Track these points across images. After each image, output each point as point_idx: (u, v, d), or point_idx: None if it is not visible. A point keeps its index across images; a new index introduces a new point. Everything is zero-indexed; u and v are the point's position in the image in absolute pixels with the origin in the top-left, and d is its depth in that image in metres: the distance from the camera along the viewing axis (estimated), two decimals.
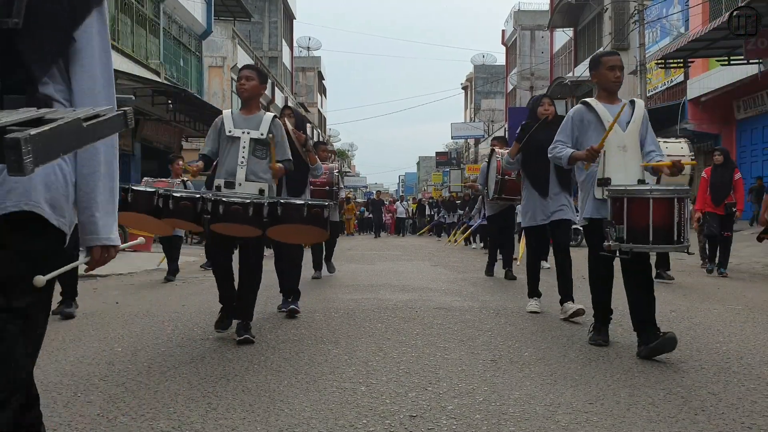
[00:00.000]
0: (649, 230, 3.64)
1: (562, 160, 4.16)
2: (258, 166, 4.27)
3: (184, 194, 4.17)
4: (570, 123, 4.21)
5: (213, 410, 2.78)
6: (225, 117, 4.39)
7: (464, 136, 52.11)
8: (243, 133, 4.27)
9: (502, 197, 7.24)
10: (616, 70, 4.11)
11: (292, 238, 4.60)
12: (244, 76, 4.32)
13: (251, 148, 4.26)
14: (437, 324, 4.85)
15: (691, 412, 2.73)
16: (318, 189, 7.62)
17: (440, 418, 2.67)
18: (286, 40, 38.43)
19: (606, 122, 4.02)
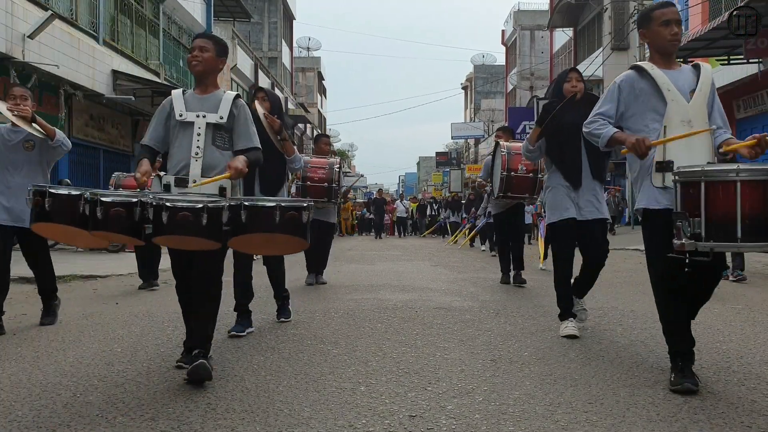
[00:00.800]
0: (737, 223, 2.81)
1: (599, 140, 3.33)
2: (218, 159, 3.46)
3: (116, 198, 3.16)
4: (616, 92, 3.36)
5: (212, 410, 2.78)
6: (174, 98, 3.57)
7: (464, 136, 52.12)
8: (197, 117, 3.46)
9: (507, 195, 6.68)
10: (672, 25, 3.26)
11: (262, 249, 3.86)
12: (197, 47, 3.51)
13: (209, 136, 3.46)
14: (437, 324, 4.85)
15: (691, 412, 2.73)
16: (315, 186, 7.07)
17: (440, 418, 2.67)
18: (285, 40, 38.43)
19: (666, 92, 3.21)
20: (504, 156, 6.53)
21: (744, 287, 7.04)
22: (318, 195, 6.95)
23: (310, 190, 6.96)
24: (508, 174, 6.47)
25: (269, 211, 3.16)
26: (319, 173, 7.04)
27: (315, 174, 7.03)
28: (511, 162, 6.60)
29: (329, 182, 7.04)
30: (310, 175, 7.04)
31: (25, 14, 11.75)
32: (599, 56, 25.17)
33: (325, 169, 7.08)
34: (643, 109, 3.29)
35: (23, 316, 5.27)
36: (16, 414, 2.74)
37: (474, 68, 55.58)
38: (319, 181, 7.01)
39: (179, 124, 3.48)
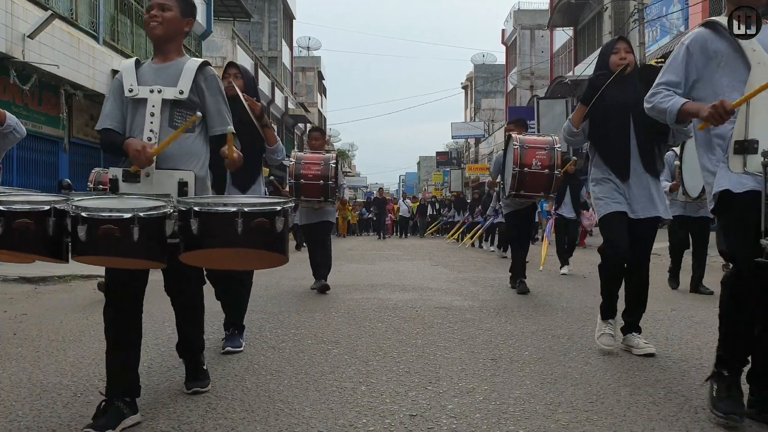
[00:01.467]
0: None
1: (666, 115, 2.75)
2: (178, 146, 2.73)
3: (25, 206, 2.35)
4: (684, 56, 2.76)
5: (212, 410, 2.78)
6: (124, 69, 2.84)
7: (464, 135, 52.11)
8: (151, 93, 2.74)
9: (520, 194, 6.00)
10: None
11: (229, 264, 3.04)
12: (155, 5, 2.80)
13: (165, 116, 2.75)
14: (437, 323, 4.85)
15: (692, 411, 2.73)
16: (309, 184, 6.35)
17: (440, 417, 2.66)
18: (285, 40, 38.43)
19: (750, 52, 2.61)
20: (516, 150, 5.84)
21: None
22: (313, 194, 6.36)
23: (305, 189, 6.35)
24: (520, 170, 5.79)
25: (229, 219, 2.37)
26: (314, 170, 6.36)
27: (309, 171, 6.38)
28: (524, 157, 5.86)
29: (325, 179, 6.32)
30: (303, 172, 6.40)
31: (25, 14, 11.75)
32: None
33: (320, 165, 6.37)
34: (718, 76, 2.68)
35: (23, 316, 5.27)
36: (16, 414, 2.74)
37: (474, 68, 55.59)
38: (314, 178, 6.32)
39: (131, 102, 2.79)
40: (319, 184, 6.32)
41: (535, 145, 6.00)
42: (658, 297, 6.35)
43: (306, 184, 6.34)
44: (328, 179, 6.33)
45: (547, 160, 5.90)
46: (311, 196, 6.42)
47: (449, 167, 56.11)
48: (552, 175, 5.92)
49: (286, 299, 6.26)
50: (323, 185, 6.34)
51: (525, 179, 5.83)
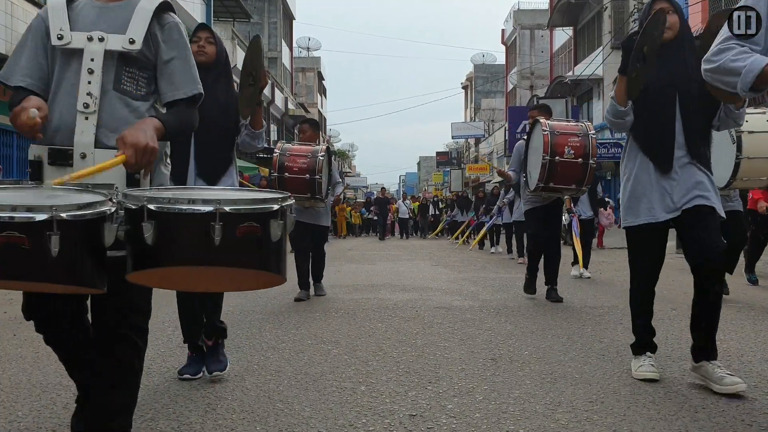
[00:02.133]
0: None
1: (738, 78, 2.14)
2: (125, 116, 2.01)
3: None
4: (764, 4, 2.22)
5: (212, 411, 2.78)
6: (51, 9, 2.04)
7: (464, 135, 52.14)
8: (90, 41, 1.99)
9: (549, 187, 5.37)
10: None
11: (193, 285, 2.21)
12: None
13: (110, 74, 2.01)
14: (437, 323, 4.84)
15: (692, 410, 2.73)
16: (293, 178, 5.73)
17: (440, 417, 2.66)
18: (285, 40, 38.43)
19: None
20: (546, 136, 5.26)
21: (745, 285, 7.03)
22: (298, 189, 5.62)
23: (288, 184, 5.65)
24: (551, 159, 5.19)
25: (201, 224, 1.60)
26: (299, 162, 5.76)
27: (294, 163, 5.78)
28: (555, 144, 5.29)
29: (312, 173, 5.70)
30: (288, 164, 5.79)
31: (25, 15, 11.76)
32: (599, 55, 25.16)
33: (306, 157, 5.77)
34: None
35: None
36: (16, 414, 2.74)
37: (474, 68, 55.62)
38: (300, 172, 5.71)
39: (59, 54, 2.02)
40: (305, 179, 5.71)
41: (567, 131, 5.46)
42: (659, 297, 6.34)
43: (290, 178, 5.74)
44: (315, 173, 5.71)
45: (581, 148, 5.36)
46: (296, 192, 5.59)
47: (449, 167, 56.16)
48: (587, 165, 5.36)
49: (286, 299, 6.25)
50: (309, 180, 5.71)
51: (556, 170, 5.24)
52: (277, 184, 5.79)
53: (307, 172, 5.72)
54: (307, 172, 5.72)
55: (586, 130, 5.50)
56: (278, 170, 5.83)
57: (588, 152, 5.38)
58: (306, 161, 5.76)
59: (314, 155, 5.82)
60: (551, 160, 5.23)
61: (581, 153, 5.35)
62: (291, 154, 5.88)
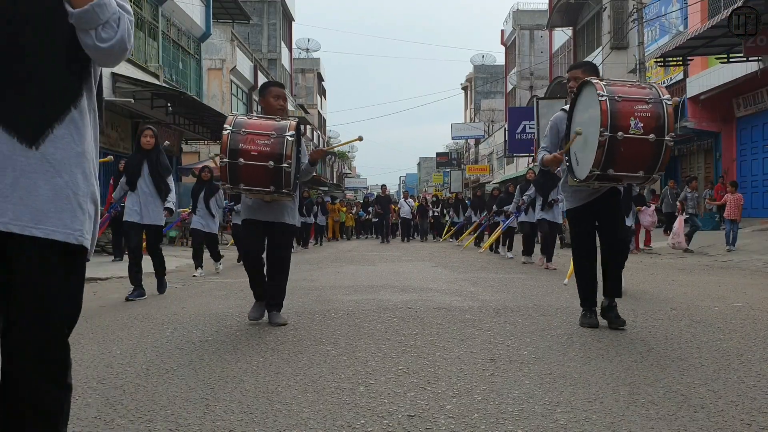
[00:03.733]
0: None
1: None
2: None
3: None
4: None
5: (211, 412, 2.78)
6: None
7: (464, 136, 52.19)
8: None
9: (607, 174, 4.07)
10: None
11: None
12: None
13: None
14: (436, 324, 4.84)
15: (691, 410, 2.72)
16: (251, 166, 4.35)
17: (439, 418, 2.66)
18: (285, 41, 38.46)
19: None
20: (604, 102, 3.93)
21: (745, 284, 7.03)
22: (257, 181, 4.42)
23: (244, 175, 4.39)
24: (611, 135, 3.91)
25: None
26: (259, 144, 4.34)
27: (252, 146, 4.34)
28: (618, 114, 3.96)
29: (276, 159, 4.30)
30: (244, 147, 4.35)
31: None
32: (599, 55, 25.17)
33: (269, 137, 4.34)
34: None
35: None
36: None
37: (474, 68, 55.67)
38: (260, 157, 4.31)
39: None
40: (267, 167, 4.29)
41: (633, 96, 4.07)
42: (659, 297, 6.35)
43: (247, 166, 4.33)
44: (282, 159, 4.29)
45: (653, 120, 4.00)
46: (255, 184, 4.45)
47: (449, 168, 56.19)
48: (661, 144, 4.02)
49: (286, 300, 6.24)
50: (274, 169, 4.30)
51: (618, 150, 3.95)
52: (228, 175, 4.40)
53: (270, 157, 4.28)
54: (270, 158, 4.28)
55: (658, 94, 4.09)
56: (230, 155, 4.33)
57: (663, 125, 4.02)
58: (269, 142, 4.31)
59: (280, 134, 4.31)
60: (612, 138, 3.92)
61: (653, 126, 3.99)
62: (248, 132, 4.35)
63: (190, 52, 21.42)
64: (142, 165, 6.71)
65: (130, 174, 6.77)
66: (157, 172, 6.69)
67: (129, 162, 7.06)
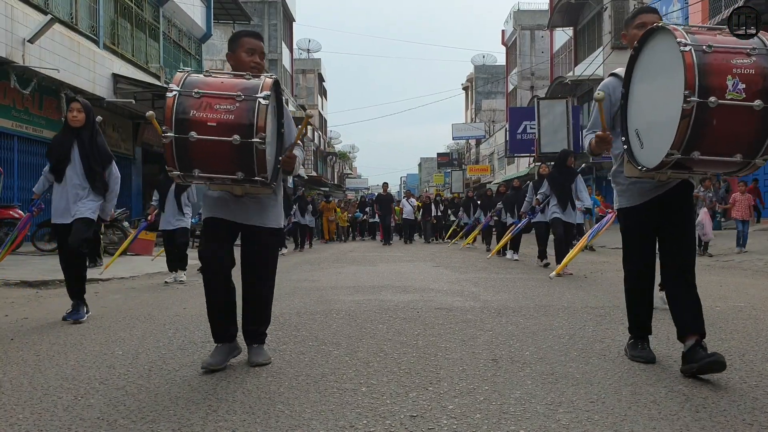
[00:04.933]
0: None
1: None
2: None
3: None
4: None
5: (213, 412, 2.78)
6: None
7: (465, 136, 52.24)
8: None
9: (690, 159, 2.86)
10: None
11: None
12: None
13: None
14: (438, 324, 4.84)
15: (693, 410, 2.72)
16: (208, 142, 3.09)
17: (441, 418, 2.66)
18: (285, 42, 38.49)
19: None
20: (689, 55, 2.78)
21: (746, 285, 7.03)
22: (217, 164, 3.18)
23: (198, 154, 3.14)
24: (701, 102, 2.75)
25: None
26: (220, 111, 3.11)
27: (209, 113, 3.11)
28: (708, 71, 2.80)
29: (245, 132, 3.09)
30: (197, 115, 3.11)
31: (26, 18, 11.78)
32: (599, 55, 25.17)
33: (233, 99, 3.12)
34: None
35: (25, 320, 5.27)
36: (17, 417, 2.74)
37: (474, 68, 55.71)
38: (221, 129, 3.09)
39: None
40: (231, 144, 3.06)
41: (729, 46, 2.89)
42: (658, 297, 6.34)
43: (202, 142, 3.09)
44: (253, 133, 3.07)
45: (759, 80, 2.81)
46: (215, 169, 3.19)
47: (450, 168, 56.21)
48: None
49: (287, 300, 6.26)
50: (241, 146, 3.08)
51: (708, 123, 2.78)
52: (176, 157, 3.13)
53: (235, 129, 3.06)
54: (235, 130, 3.06)
55: (763, 43, 2.93)
56: (177, 127, 3.07)
57: None
58: (233, 108, 3.09)
59: (250, 95, 3.12)
60: (701, 105, 2.76)
61: (759, 88, 2.80)
62: (204, 95, 3.12)
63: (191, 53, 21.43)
64: (71, 148, 5.13)
65: (55, 159, 5.17)
66: (92, 158, 5.14)
67: (54, 143, 5.28)
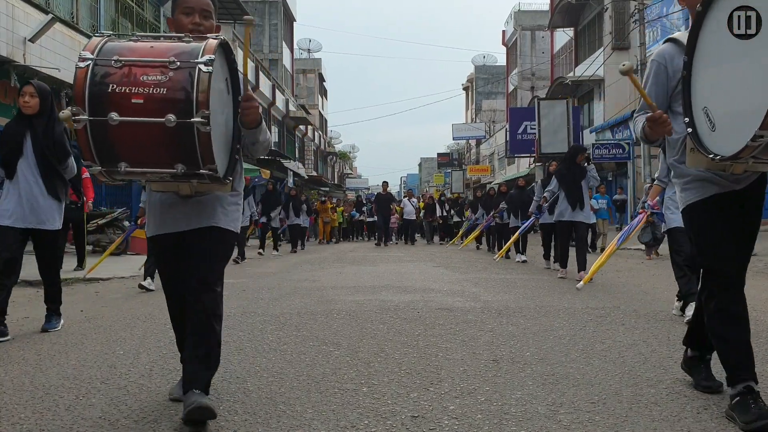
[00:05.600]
0: None
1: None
2: None
3: None
4: None
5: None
6: None
7: (465, 137, 52.26)
8: None
9: None
10: None
11: None
12: None
13: None
14: (439, 325, 4.84)
15: (694, 411, 2.72)
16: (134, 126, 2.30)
17: (442, 419, 2.66)
18: (286, 42, 38.49)
19: None
20: None
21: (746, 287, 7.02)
22: (147, 154, 2.40)
23: (122, 141, 2.37)
24: None
25: None
26: (149, 83, 2.31)
27: (134, 87, 2.32)
28: None
29: (181, 110, 2.30)
30: (118, 90, 2.32)
31: (26, 18, 11.78)
32: (600, 56, 25.17)
33: (166, 68, 2.33)
34: None
35: (25, 319, 5.27)
36: (18, 417, 2.74)
37: (475, 69, 55.72)
38: (149, 108, 2.31)
39: None
40: (163, 127, 2.31)
41: None
42: (661, 297, 6.35)
43: (125, 125, 2.33)
44: (192, 109, 2.32)
45: None
46: (147, 162, 2.44)
47: (450, 168, 56.22)
48: None
49: (287, 300, 6.26)
50: (177, 128, 2.31)
51: None
52: (92, 146, 2.36)
53: (167, 106, 2.31)
54: (167, 108, 2.31)
55: None
56: (91, 106, 2.32)
57: None
58: (164, 79, 2.33)
59: (186, 61, 2.36)
60: None
61: None
62: (126, 63, 2.36)
63: None
64: (23, 139, 4.51)
65: (5, 151, 4.54)
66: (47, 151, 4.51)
67: (4, 133, 4.65)
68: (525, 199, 12.00)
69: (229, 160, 2.68)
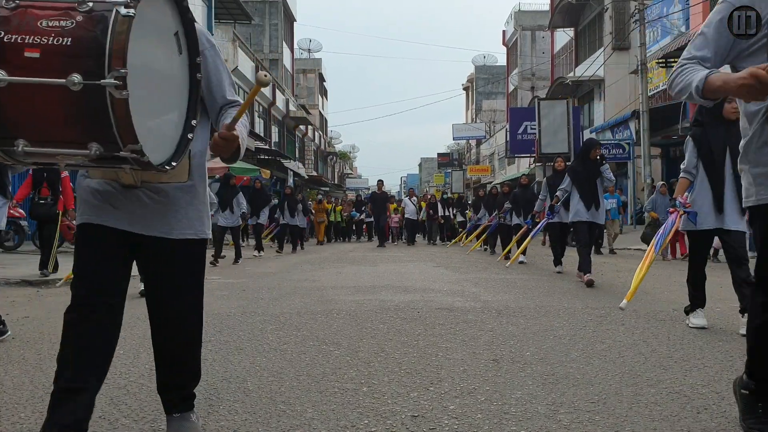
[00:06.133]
0: None
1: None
2: None
3: None
4: None
5: (215, 412, 2.78)
6: None
7: (466, 137, 52.29)
8: None
9: None
10: None
11: None
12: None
13: None
14: (439, 324, 4.85)
15: (694, 411, 2.72)
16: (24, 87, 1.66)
17: (442, 418, 2.66)
18: (286, 42, 38.51)
19: None
20: None
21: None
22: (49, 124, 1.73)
23: (9, 103, 1.70)
24: None
25: None
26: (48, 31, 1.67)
27: (27, 36, 1.68)
28: None
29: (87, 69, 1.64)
30: (8, 39, 1.68)
31: None
32: (600, 56, 25.18)
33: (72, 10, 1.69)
34: None
35: (26, 319, 5.27)
36: (19, 416, 2.74)
37: (475, 69, 55.73)
38: (47, 64, 1.66)
39: None
40: (65, 90, 1.65)
41: None
42: (660, 297, 6.35)
43: (16, 88, 1.68)
44: (103, 69, 1.65)
45: None
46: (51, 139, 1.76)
47: (450, 168, 56.24)
48: None
49: (287, 300, 6.26)
50: (84, 92, 1.66)
51: None
52: None
53: (71, 62, 1.67)
54: (72, 65, 1.66)
55: None
56: None
57: None
58: (69, 25, 1.69)
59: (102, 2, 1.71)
60: None
61: None
62: (21, 5, 1.73)
63: None
64: None
65: None
66: None
67: None
68: (529, 197, 11.72)
69: (178, 142, 2.05)
